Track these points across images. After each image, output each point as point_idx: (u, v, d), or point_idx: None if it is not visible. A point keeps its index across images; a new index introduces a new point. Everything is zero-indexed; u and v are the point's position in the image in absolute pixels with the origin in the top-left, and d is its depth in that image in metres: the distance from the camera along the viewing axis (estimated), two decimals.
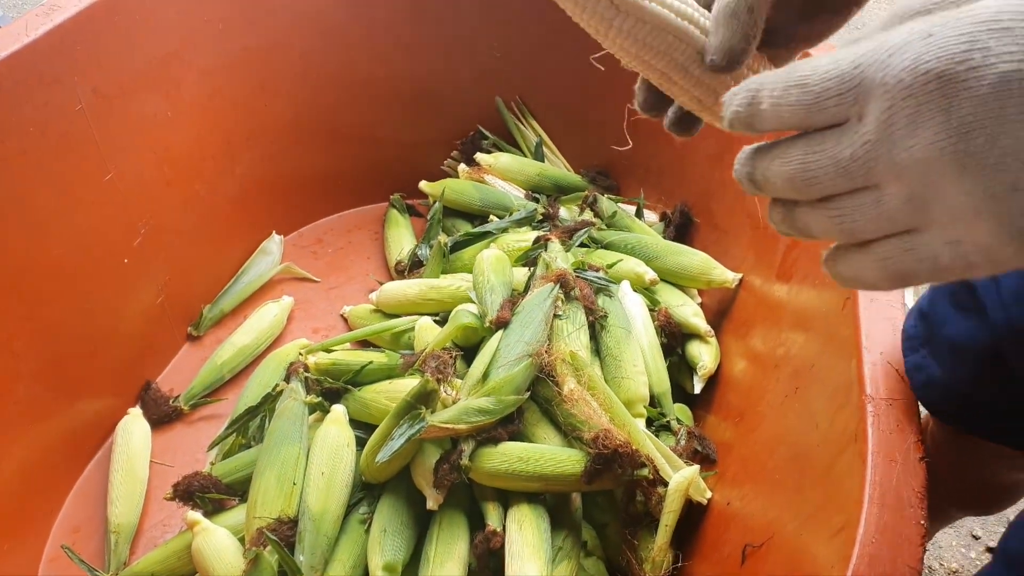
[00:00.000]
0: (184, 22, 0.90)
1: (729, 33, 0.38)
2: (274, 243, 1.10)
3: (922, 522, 0.43)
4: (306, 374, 0.85)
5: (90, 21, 0.78)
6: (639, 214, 1.06)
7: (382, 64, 1.09)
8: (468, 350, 0.84)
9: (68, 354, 0.84)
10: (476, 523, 0.71)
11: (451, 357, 0.74)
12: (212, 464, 0.84)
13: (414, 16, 1.07)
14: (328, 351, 0.90)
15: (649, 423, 0.79)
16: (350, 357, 0.88)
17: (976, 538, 1.06)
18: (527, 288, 0.86)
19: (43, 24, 0.75)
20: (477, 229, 1.05)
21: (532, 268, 0.90)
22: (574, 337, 0.78)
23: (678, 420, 0.80)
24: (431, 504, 0.69)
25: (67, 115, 0.79)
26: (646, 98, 0.44)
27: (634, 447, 0.67)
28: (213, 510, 0.79)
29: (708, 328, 0.87)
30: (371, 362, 0.86)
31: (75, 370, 0.86)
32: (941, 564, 1.03)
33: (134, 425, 0.89)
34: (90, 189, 0.84)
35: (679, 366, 0.88)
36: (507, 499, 0.71)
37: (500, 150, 1.16)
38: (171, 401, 0.93)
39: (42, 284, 0.80)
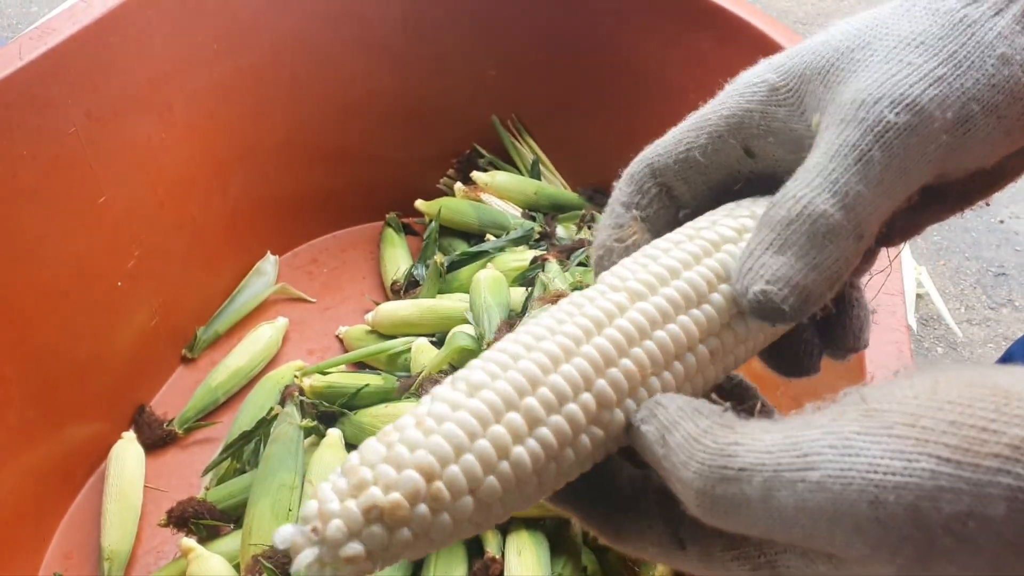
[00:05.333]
0: (176, 44, 0.90)
1: (812, 260, 0.25)
2: (269, 263, 1.09)
3: None
4: (301, 397, 0.84)
5: (83, 44, 0.78)
6: None
7: (376, 83, 1.09)
8: None
9: (60, 379, 0.83)
10: (474, 550, 0.70)
11: None
12: (207, 489, 0.83)
13: (407, 35, 1.07)
14: (323, 373, 0.89)
15: None
16: (346, 380, 0.87)
17: None
18: (525, 309, 0.86)
19: (37, 47, 0.74)
20: (474, 248, 1.04)
21: (530, 288, 0.90)
22: None
23: None
24: None
25: (60, 138, 0.78)
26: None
27: None
28: (207, 536, 0.78)
29: None
30: (367, 385, 0.85)
31: (67, 395, 0.84)
32: None
33: (127, 450, 0.88)
34: (83, 212, 0.83)
35: None
36: (506, 525, 0.70)
37: (497, 168, 1.16)
38: (165, 424, 0.92)
39: (33, 308, 0.79)
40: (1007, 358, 0.96)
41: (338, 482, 0.24)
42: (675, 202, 0.33)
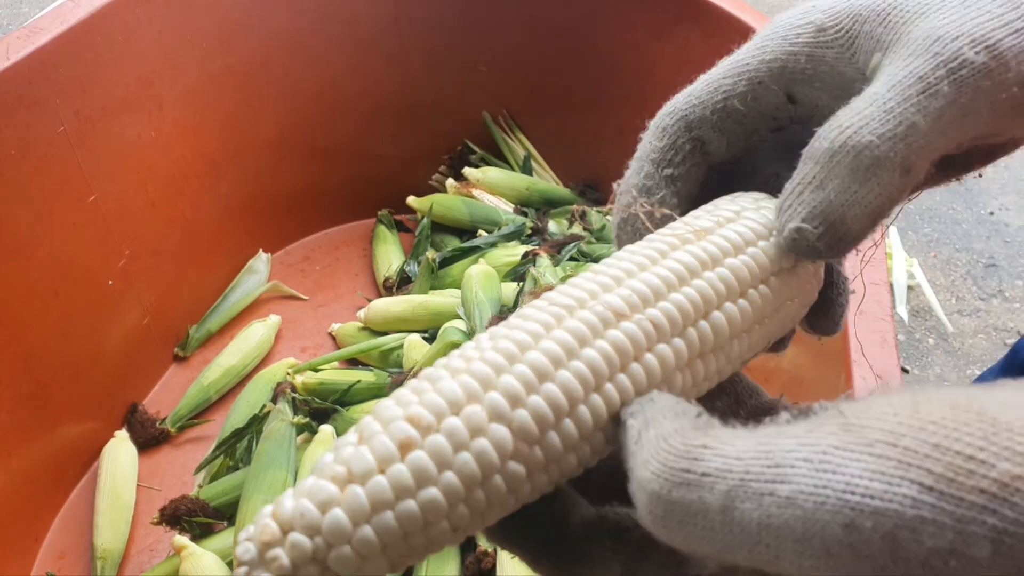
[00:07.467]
0: (165, 42, 0.89)
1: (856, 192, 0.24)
2: (261, 261, 1.09)
3: None
4: (293, 394, 0.84)
5: (71, 43, 0.78)
6: None
7: (367, 80, 1.09)
8: None
9: (52, 378, 0.83)
10: (466, 544, 0.70)
11: None
12: (200, 487, 0.83)
13: (399, 31, 1.07)
14: (316, 370, 0.89)
15: None
16: (338, 376, 0.87)
17: None
18: (516, 304, 0.86)
19: (24, 47, 0.74)
20: (466, 244, 1.04)
21: (521, 283, 0.90)
22: None
23: None
24: None
25: (49, 137, 0.78)
26: None
27: None
28: (200, 534, 0.78)
29: None
30: (359, 381, 0.85)
31: (59, 394, 0.84)
32: None
33: (120, 449, 0.88)
34: (73, 211, 0.83)
35: None
36: None
37: (488, 164, 1.16)
38: (158, 423, 0.92)
39: (24, 308, 0.79)
40: (1013, 355, 0.95)
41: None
42: (707, 158, 0.31)
